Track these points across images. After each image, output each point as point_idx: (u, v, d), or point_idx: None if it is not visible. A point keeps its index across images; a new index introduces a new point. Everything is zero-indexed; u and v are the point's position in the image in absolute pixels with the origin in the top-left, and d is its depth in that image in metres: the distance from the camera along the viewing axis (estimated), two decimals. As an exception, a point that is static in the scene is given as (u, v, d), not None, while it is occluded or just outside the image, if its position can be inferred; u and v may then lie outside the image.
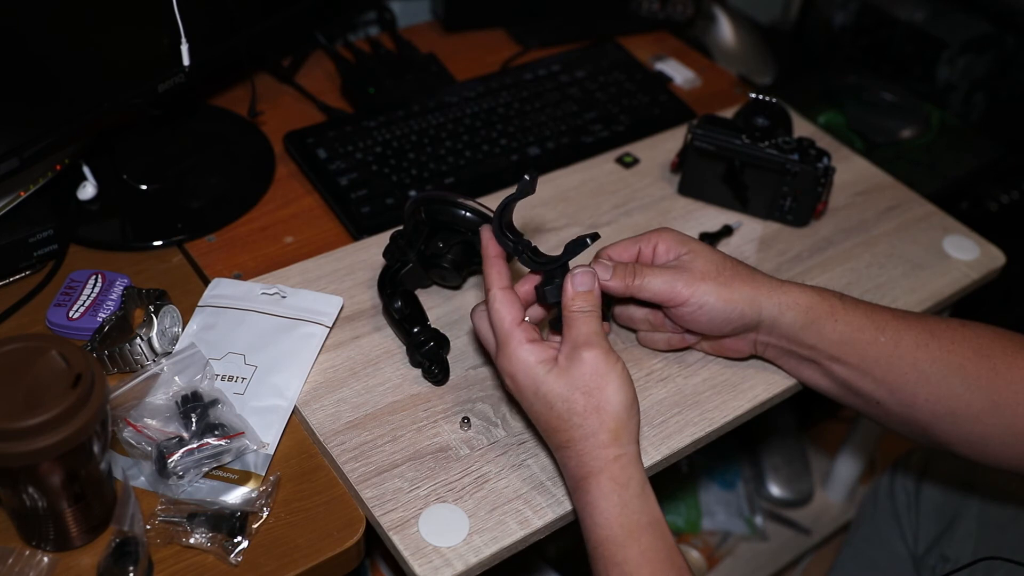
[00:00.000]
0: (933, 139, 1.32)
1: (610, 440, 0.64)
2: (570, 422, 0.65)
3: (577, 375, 0.65)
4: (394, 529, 0.68)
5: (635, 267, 0.73)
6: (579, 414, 0.65)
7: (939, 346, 0.72)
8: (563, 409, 0.65)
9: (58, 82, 0.76)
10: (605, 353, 0.65)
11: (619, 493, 0.64)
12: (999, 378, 0.72)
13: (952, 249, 0.95)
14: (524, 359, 0.66)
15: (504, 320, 0.67)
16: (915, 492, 1.09)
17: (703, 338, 0.80)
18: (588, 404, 0.65)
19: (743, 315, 0.73)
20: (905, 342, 0.73)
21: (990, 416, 0.72)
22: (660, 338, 0.80)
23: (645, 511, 0.64)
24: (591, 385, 0.65)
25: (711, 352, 0.81)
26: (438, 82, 1.12)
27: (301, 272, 0.86)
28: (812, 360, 0.76)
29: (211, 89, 1.08)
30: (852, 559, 1.12)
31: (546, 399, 0.66)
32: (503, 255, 0.70)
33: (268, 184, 0.98)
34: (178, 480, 0.68)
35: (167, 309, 0.78)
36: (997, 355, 0.72)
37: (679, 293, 0.72)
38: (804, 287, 0.74)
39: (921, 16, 1.49)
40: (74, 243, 0.88)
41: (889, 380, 0.73)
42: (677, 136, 1.05)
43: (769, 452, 1.43)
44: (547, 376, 0.65)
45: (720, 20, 1.35)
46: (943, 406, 0.73)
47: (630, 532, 0.63)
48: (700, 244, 0.75)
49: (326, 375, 0.78)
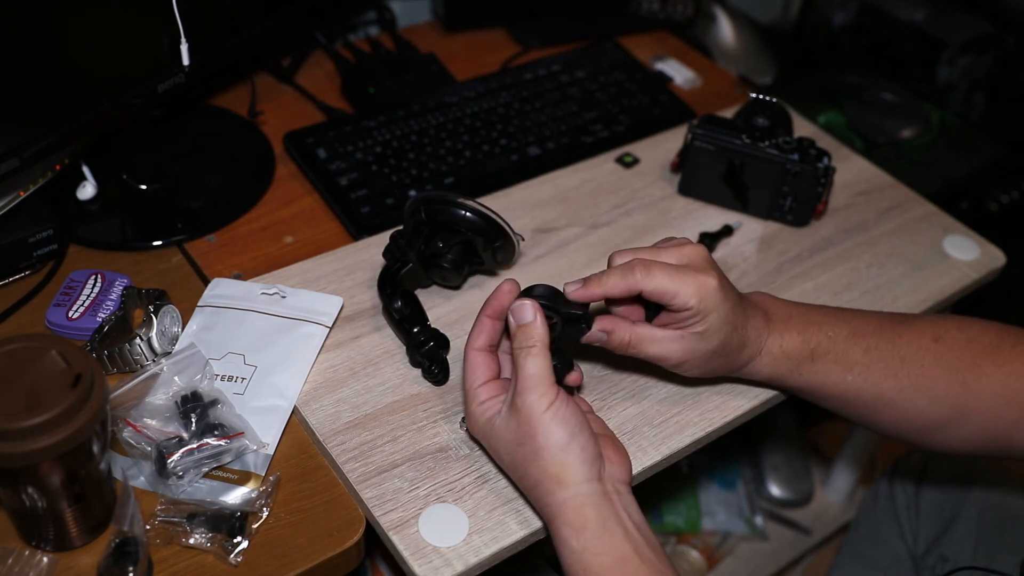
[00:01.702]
0: (933, 139, 1.32)
1: (554, 486, 0.63)
2: (516, 471, 0.66)
3: (513, 425, 0.64)
4: (394, 529, 0.68)
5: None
6: (520, 464, 0.65)
7: (908, 372, 0.73)
8: (509, 460, 0.66)
9: (58, 82, 0.76)
10: (539, 396, 0.63)
11: (575, 538, 0.62)
12: (968, 391, 0.73)
13: (952, 249, 0.95)
14: (475, 416, 0.68)
15: (466, 380, 0.69)
16: (915, 492, 1.09)
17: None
18: (525, 453, 0.64)
19: (722, 368, 0.73)
20: (873, 376, 0.73)
21: (957, 423, 0.74)
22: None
23: (609, 552, 0.61)
24: (524, 434, 0.64)
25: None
26: (438, 82, 1.12)
27: (301, 272, 0.86)
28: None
29: (211, 89, 1.08)
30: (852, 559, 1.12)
31: (496, 450, 0.67)
32: (498, 316, 0.69)
33: (268, 184, 0.98)
34: (178, 480, 0.68)
35: (167, 309, 0.78)
36: (966, 367, 0.73)
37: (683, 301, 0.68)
38: (781, 341, 0.72)
39: (921, 16, 1.48)
40: (74, 243, 0.88)
41: (853, 406, 0.75)
42: (677, 136, 1.05)
43: (769, 452, 1.43)
44: (493, 429, 0.66)
45: (720, 20, 1.35)
46: (907, 424, 0.75)
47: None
48: (716, 305, 0.68)
49: (326, 375, 0.78)
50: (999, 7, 1.45)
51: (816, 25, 1.61)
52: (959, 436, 0.75)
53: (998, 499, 1.04)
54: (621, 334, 0.69)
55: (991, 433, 0.74)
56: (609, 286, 0.68)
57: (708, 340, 0.69)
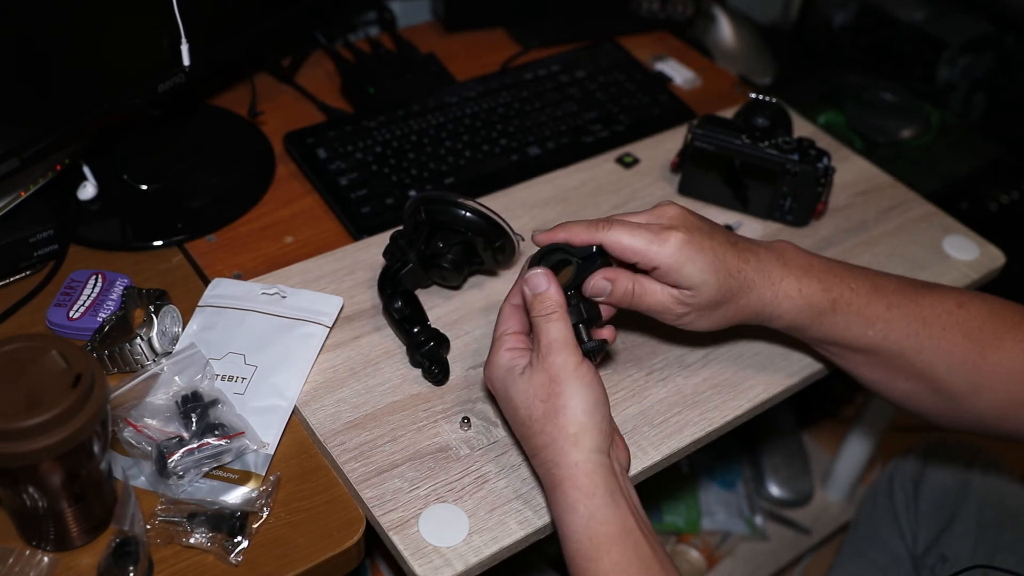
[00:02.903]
0: (933, 139, 1.32)
1: (570, 446, 0.63)
2: (531, 428, 0.65)
3: (537, 381, 0.65)
4: (394, 529, 0.68)
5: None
6: (538, 420, 0.64)
7: (929, 334, 0.72)
8: (525, 416, 0.65)
9: (58, 82, 0.76)
10: (566, 357, 0.64)
11: (584, 503, 0.62)
12: (985, 361, 0.72)
13: (952, 249, 0.95)
14: (498, 362, 0.68)
15: (497, 328, 0.70)
16: (914, 492, 1.09)
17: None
18: (547, 410, 0.64)
19: (736, 316, 0.72)
20: (894, 335, 0.72)
21: (971, 396, 0.73)
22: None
23: (615, 520, 0.61)
24: (549, 391, 0.64)
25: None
26: (438, 82, 1.12)
27: (301, 272, 0.86)
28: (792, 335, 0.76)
29: (211, 89, 1.08)
30: (851, 559, 1.12)
31: (512, 403, 0.66)
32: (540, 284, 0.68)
33: (268, 184, 0.98)
34: (178, 480, 0.68)
35: (167, 309, 0.78)
36: (987, 338, 0.72)
37: (647, 250, 0.69)
38: (800, 286, 0.71)
39: (921, 16, 1.49)
40: (74, 243, 0.88)
41: (870, 364, 0.74)
42: (677, 136, 1.05)
43: (769, 452, 1.43)
44: (515, 380, 0.66)
45: (720, 20, 1.35)
46: (923, 387, 0.74)
47: (599, 544, 0.61)
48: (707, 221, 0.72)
49: (326, 375, 0.78)
50: (999, 7, 1.45)
51: (816, 25, 1.61)
52: (973, 411, 0.73)
53: (997, 498, 1.04)
54: (624, 283, 0.70)
55: (1002, 411, 0.73)
56: (573, 231, 0.70)
57: (700, 292, 0.69)
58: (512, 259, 0.85)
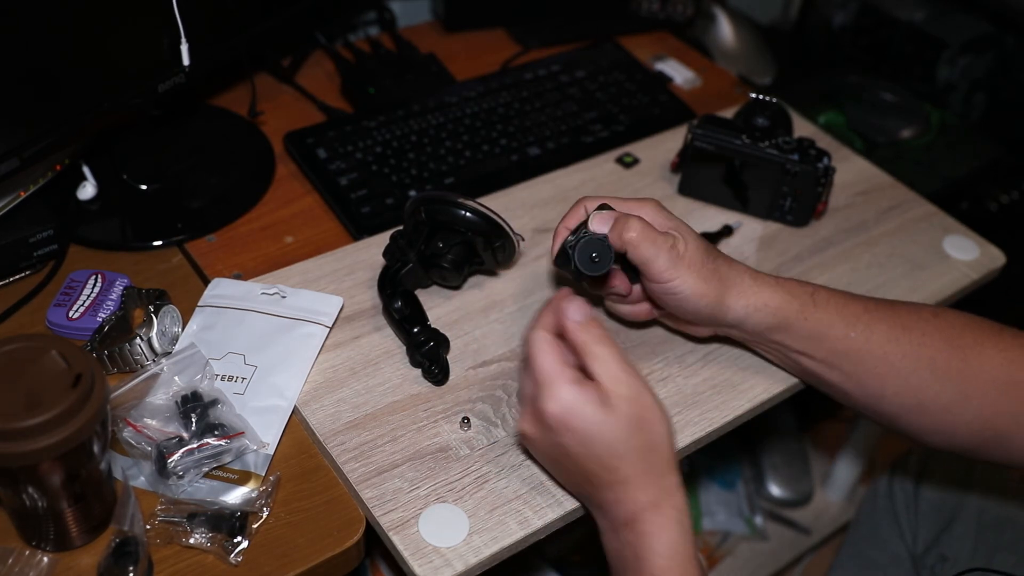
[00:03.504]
0: (933, 139, 1.32)
1: (667, 469, 0.64)
2: (626, 458, 0.63)
3: (627, 411, 0.63)
4: (394, 529, 0.68)
5: (630, 221, 0.71)
6: (637, 450, 0.63)
7: (910, 339, 0.73)
8: (624, 449, 0.63)
9: (58, 82, 0.76)
10: (638, 382, 0.64)
11: (680, 520, 0.63)
12: (969, 368, 0.72)
13: (952, 249, 0.95)
14: (567, 400, 0.63)
15: (543, 362, 0.64)
16: (914, 492, 1.09)
17: (666, 314, 0.79)
18: (646, 441, 0.63)
19: (712, 313, 0.73)
20: (876, 337, 0.73)
21: (959, 407, 0.73)
22: (625, 309, 0.80)
23: (692, 535, 0.64)
24: (642, 418, 0.63)
25: (672, 327, 0.82)
26: (438, 82, 1.12)
27: (301, 272, 0.86)
28: (778, 351, 0.77)
29: (211, 89, 1.08)
30: (851, 559, 1.12)
31: (588, 440, 0.63)
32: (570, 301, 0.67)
33: (268, 184, 0.98)
34: (178, 480, 0.68)
35: (167, 309, 0.78)
36: (968, 344, 0.73)
37: (660, 271, 0.71)
38: (778, 284, 0.74)
39: (921, 16, 1.48)
40: (74, 243, 0.88)
41: (858, 374, 0.74)
42: (677, 136, 1.05)
43: (769, 452, 1.43)
44: (596, 411, 0.63)
45: (720, 20, 1.35)
46: (912, 399, 0.74)
47: (689, 558, 0.63)
48: (686, 226, 0.74)
49: (326, 375, 0.78)
50: (999, 7, 1.45)
51: (816, 25, 1.61)
52: (962, 422, 0.73)
53: (997, 498, 1.04)
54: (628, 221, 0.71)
55: (990, 425, 0.73)
56: (598, 220, 0.73)
57: (694, 244, 0.72)
58: (512, 259, 0.85)
